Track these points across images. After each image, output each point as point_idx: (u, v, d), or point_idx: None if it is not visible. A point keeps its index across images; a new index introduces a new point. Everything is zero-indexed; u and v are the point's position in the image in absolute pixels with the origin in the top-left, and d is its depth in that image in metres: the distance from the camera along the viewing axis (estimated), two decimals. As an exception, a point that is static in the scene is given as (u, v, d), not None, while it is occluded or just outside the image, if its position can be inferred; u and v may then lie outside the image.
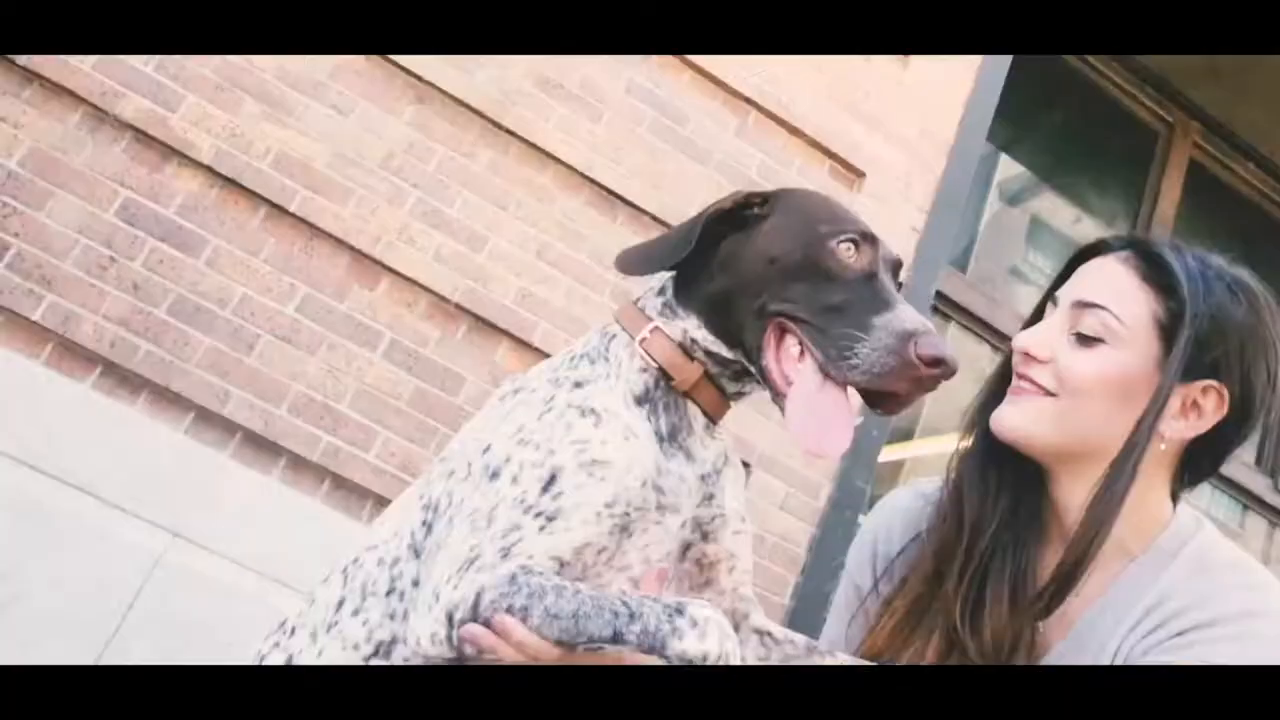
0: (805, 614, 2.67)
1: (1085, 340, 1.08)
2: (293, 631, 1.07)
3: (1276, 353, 1.08)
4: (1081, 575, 1.03)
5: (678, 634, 0.85)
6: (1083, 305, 1.09)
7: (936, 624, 1.12)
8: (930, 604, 1.14)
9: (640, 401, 1.03)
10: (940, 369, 0.92)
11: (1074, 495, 1.11)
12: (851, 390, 0.97)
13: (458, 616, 0.89)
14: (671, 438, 1.03)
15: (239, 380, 2.36)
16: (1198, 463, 1.13)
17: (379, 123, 2.60)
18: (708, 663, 0.85)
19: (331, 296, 2.48)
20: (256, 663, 1.07)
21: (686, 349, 1.05)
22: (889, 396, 0.97)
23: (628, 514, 0.95)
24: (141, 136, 2.38)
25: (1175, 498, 1.14)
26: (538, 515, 0.92)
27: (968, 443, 1.19)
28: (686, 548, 1.05)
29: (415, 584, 1.00)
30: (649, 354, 1.04)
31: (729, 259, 1.06)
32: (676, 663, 0.85)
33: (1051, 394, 1.08)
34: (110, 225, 2.32)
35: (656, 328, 1.05)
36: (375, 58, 2.59)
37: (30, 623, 2.06)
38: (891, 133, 3.14)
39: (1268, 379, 1.07)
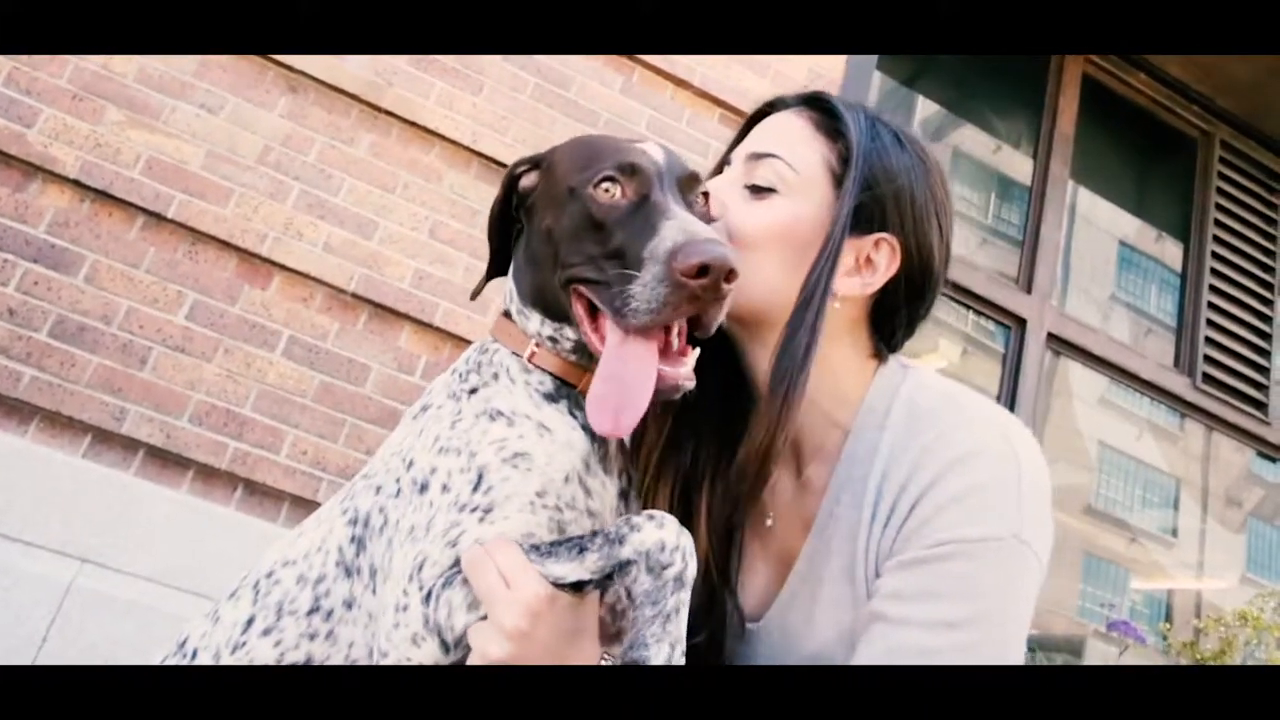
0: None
1: (758, 192, 1.02)
2: (194, 655, 1.01)
3: (947, 211, 1.04)
4: (776, 450, 0.96)
5: (636, 528, 0.85)
6: (756, 157, 1.04)
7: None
8: None
9: (553, 399, 0.99)
10: (708, 276, 0.82)
11: (762, 362, 1.03)
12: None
13: (437, 587, 0.88)
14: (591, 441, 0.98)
15: (134, 396, 2.29)
16: (889, 324, 1.07)
17: (252, 117, 2.53)
18: (664, 551, 0.84)
19: (222, 300, 2.41)
20: None
21: (567, 357, 1.00)
22: (694, 320, 0.88)
23: (559, 509, 0.93)
24: (-2, 156, 2.29)
25: (881, 360, 1.07)
26: (474, 510, 0.90)
27: None
28: (605, 588, 0.94)
29: (348, 605, 0.97)
30: (542, 368, 1.00)
31: (527, 246, 1.03)
32: (635, 559, 0.84)
33: None
34: (-24, 251, 2.23)
35: (540, 342, 1.01)
36: (239, 50, 2.51)
37: (-61, 668, 2.00)
38: (779, 75, 3.13)
39: (940, 235, 1.03)
